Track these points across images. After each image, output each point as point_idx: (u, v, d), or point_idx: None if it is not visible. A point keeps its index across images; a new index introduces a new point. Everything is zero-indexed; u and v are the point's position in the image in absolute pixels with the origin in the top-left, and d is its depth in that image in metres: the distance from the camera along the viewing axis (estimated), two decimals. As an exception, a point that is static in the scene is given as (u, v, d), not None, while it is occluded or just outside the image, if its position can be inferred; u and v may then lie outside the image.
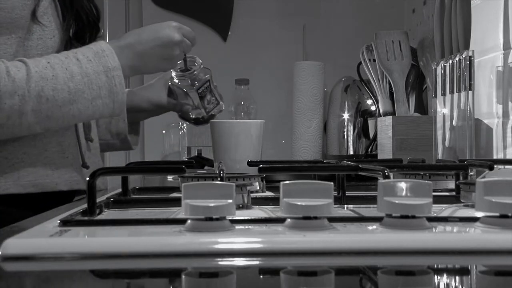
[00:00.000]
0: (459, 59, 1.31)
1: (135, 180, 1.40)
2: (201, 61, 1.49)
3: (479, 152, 1.41)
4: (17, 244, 0.60)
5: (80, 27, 1.29)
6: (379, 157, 1.64)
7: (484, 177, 0.89)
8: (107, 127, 1.50)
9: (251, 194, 0.84)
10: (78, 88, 1.14)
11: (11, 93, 1.09)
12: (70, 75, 1.13)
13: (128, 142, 1.53)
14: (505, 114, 1.32)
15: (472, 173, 1.05)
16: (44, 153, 1.22)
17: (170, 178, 1.57)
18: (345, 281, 0.56)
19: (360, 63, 1.79)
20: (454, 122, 1.34)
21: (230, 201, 0.63)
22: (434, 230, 0.64)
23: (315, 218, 0.64)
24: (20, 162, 1.19)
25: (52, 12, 1.21)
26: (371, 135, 1.86)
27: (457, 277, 0.57)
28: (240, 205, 0.80)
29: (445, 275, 0.57)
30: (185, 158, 1.93)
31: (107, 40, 2.47)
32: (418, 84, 1.71)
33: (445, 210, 0.79)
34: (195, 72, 1.48)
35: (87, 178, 0.78)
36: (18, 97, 1.09)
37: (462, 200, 0.80)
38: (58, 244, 0.60)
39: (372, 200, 0.86)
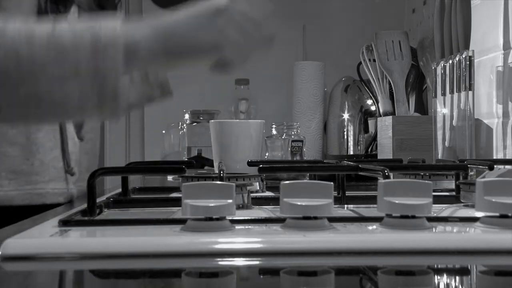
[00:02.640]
0: (459, 59, 1.30)
1: (135, 180, 1.40)
2: None
3: (479, 152, 1.41)
4: (17, 244, 0.60)
5: None
6: (379, 157, 1.64)
7: (484, 177, 0.89)
8: (143, 78, 1.02)
9: (251, 194, 0.84)
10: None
11: None
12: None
13: (168, 85, 1.04)
14: (505, 114, 1.32)
15: (472, 173, 1.05)
16: (2, 158, 1.00)
17: (170, 178, 1.56)
18: (345, 281, 0.56)
19: (360, 63, 1.79)
20: (454, 122, 1.34)
21: (230, 201, 0.63)
22: (434, 230, 0.64)
23: (315, 218, 0.64)
24: None
25: None
26: (371, 135, 1.86)
27: (457, 277, 0.57)
28: (240, 205, 0.80)
29: (445, 275, 0.57)
30: (185, 158, 1.93)
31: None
32: (418, 84, 1.71)
33: (445, 210, 0.79)
34: None
35: (71, 185, 0.74)
36: None
37: (462, 200, 0.80)
38: (58, 244, 0.60)
39: (372, 200, 0.86)
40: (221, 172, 0.83)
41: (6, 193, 0.99)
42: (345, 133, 1.95)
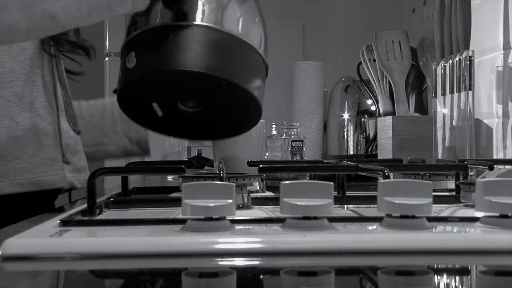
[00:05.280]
0: (459, 59, 1.31)
1: (135, 180, 1.39)
2: None
3: (479, 152, 1.41)
4: (17, 244, 0.60)
5: None
6: (379, 157, 1.64)
7: (484, 177, 0.89)
8: (126, 133, 1.41)
9: (251, 194, 0.84)
10: None
11: None
12: None
13: (147, 148, 1.42)
14: (505, 114, 1.32)
15: (472, 173, 1.05)
16: (41, 147, 1.15)
17: (170, 178, 1.56)
18: (345, 281, 0.56)
19: (360, 63, 1.79)
20: (454, 122, 1.34)
21: (230, 201, 0.63)
22: (434, 230, 0.64)
23: (315, 218, 0.64)
24: (15, 160, 1.13)
25: None
26: (371, 135, 1.86)
27: (457, 277, 0.57)
28: (240, 205, 0.80)
29: (445, 275, 0.57)
30: (185, 158, 1.93)
31: (107, 42, 2.47)
32: (418, 84, 1.71)
33: (445, 210, 0.79)
34: None
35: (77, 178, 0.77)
36: None
37: (462, 200, 0.80)
38: (58, 244, 0.60)
39: (372, 200, 0.86)
40: (221, 172, 0.83)
41: (49, 177, 1.15)
42: (345, 133, 1.95)
